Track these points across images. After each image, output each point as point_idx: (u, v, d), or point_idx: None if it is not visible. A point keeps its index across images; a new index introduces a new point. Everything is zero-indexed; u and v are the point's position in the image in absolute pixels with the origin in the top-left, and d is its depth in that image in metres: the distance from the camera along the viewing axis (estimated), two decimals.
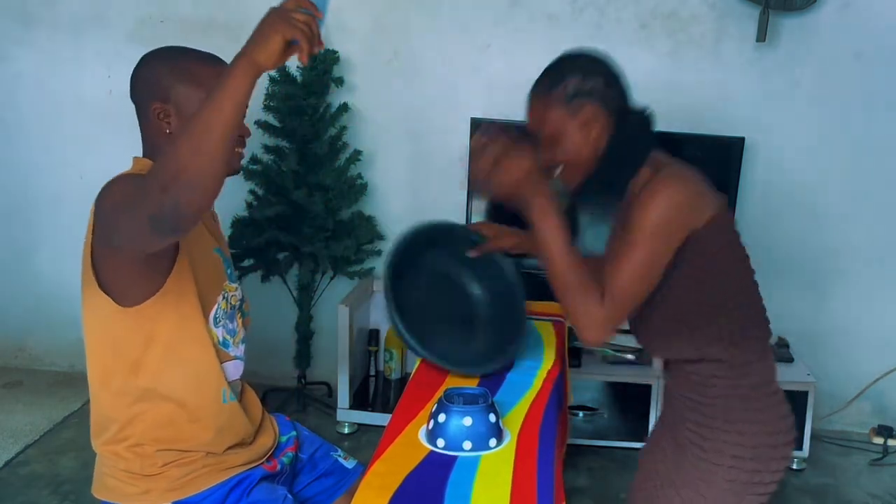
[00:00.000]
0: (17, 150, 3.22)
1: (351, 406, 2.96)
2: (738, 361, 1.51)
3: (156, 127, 1.54)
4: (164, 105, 1.51)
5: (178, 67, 1.52)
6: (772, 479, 1.52)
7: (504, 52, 2.99)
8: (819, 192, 2.98)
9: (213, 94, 1.19)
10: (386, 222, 3.13)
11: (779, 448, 1.53)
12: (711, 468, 1.50)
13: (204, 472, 1.57)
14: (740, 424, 1.50)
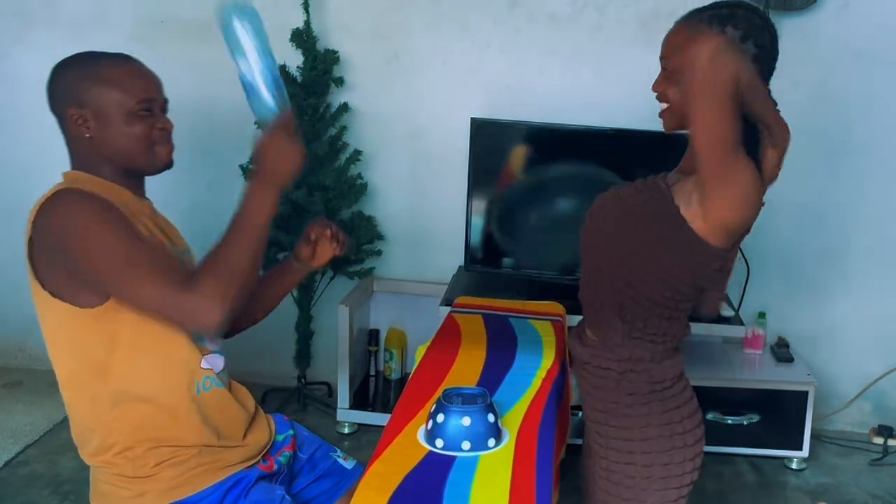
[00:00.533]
0: (17, 150, 3.22)
1: (351, 406, 2.96)
2: (627, 355, 1.50)
3: (76, 133, 1.60)
4: (80, 109, 1.56)
5: (89, 71, 1.58)
6: (682, 469, 1.50)
7: (504, 52, 2.99)
8: (819, 191, 2.98)
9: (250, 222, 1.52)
10: (386, 222, 3.13)
11: (678, 437, 1.50)
12: (613, 466, 1.52)
13: (199, 472, 1.55)
14: (626, 420, 1.50)
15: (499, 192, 2.93)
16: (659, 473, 1.48)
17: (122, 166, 1.63)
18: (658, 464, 1.48)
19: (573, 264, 2.93)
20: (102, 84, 1.57)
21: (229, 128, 3.07)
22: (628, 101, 2.88)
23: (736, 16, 1.41)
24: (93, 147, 1.61)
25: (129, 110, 1.58)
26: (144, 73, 1.68)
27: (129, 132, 1.59)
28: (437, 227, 3.13)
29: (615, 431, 1.51)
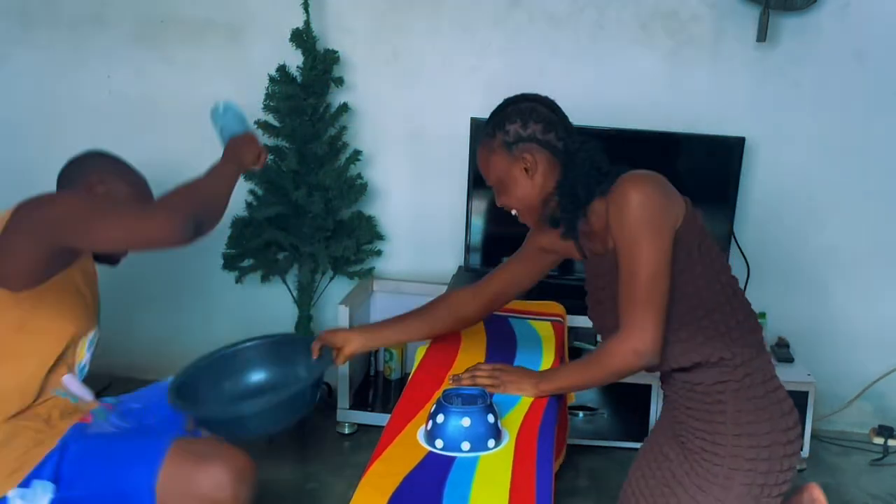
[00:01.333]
0: (17, 150, 3.22)
1: (351, 406, 2.96)
2: (739, 360, 1.51)
3: (87, 188, 1.92)
4: (99, 184, 1.92)
5: (120, 167, 2.00)
6: (784, 478, 1.52)
7: (504, 52, 2.99)
8: (819, 191, 2.98)
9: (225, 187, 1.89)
10: (386, 222, 3.13)
11: (790, 444, 1.53)
12: (729, 473, 1.50)
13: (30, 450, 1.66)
14: (751, 426, 1.50)
15: None
16: (770, 480, 1.51)
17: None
18: (774, 470, 1.51)
19: (573, 264, 2.94)
20: (125, 181, 1.97)
21: None
22: (628, 101, 2.89)
23: (506, 114, 1.61)
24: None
25: None
26: (150, 193, 2.01)
27: None
28: (437, 227, 3.13)
29: (737, 440, 1.51)
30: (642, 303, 1.43)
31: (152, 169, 3.16)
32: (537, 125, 1.57)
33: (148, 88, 3.12)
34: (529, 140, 1.56)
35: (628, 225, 1.44)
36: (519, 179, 1.58)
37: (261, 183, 2.93)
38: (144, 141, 3.15)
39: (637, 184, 1.47)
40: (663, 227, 1.45)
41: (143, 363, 3.31)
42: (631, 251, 1.44)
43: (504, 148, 1.58)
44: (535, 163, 1.56)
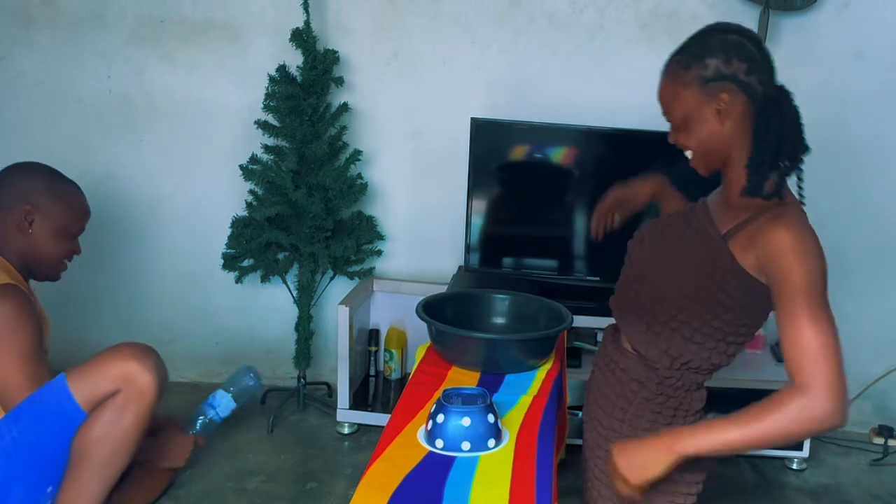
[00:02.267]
0: (17, 150, 3.21)
1: (351, 406, 2.96)
2: (669, 384, 1.51)
3: (17, 225, 1.95)
4: (32, 211, 1.94)
5: (54, 185, 1.99)
6: (686, 489, 1.51)
7: (504, 52, 2.99)
8: (819, 191, 2.97)
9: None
10: (386, 222, 3.14)
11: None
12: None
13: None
14: (644, 433, 1.51)
15: (499, 192, 2.93)
16: (664, 485, 1.47)
17: (27, 265, 2.01)
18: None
19: (572, 264, 2.94)
20: (65, 202, 1.98)
21: (229, 127, 3.08)
22: (628, 101, 2.88)
23: (709, 45, 1.39)
24: (20, 241, 1.97)
25: (68, 231, 2.00)
26: (86, 204, 2.06)
27: (56, 247, 2.01)
28: (437, 227, 3.13)
29: (626, 429, 1.52)
30: (824, 378, 1.25)
31: (152, 169, 3.18)
32: (741, 63, 1.35)
33: (148, 88, 3.12)
34: (730, 79, 1.35)
35: (802, 294, 1.34)
36: (708, 121, 1.38)
37: (261, 183, 2.93)
38: (144, 141, 3.15)
39: (809, 241, 1.39)
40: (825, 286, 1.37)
41: None
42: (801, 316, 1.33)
43: (698, 83, 1.37)
44: (731, 105, 1.36)
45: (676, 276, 1.45)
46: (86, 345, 2.58)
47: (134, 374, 1.89)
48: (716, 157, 1.42)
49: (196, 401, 2.63)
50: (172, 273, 3.23)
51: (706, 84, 1.37)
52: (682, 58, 1.42)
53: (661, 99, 1.46)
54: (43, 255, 2.00)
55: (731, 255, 1.39)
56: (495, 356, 1.80)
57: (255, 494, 2.49)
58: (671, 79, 1.43)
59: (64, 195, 2.00)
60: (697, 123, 1.39)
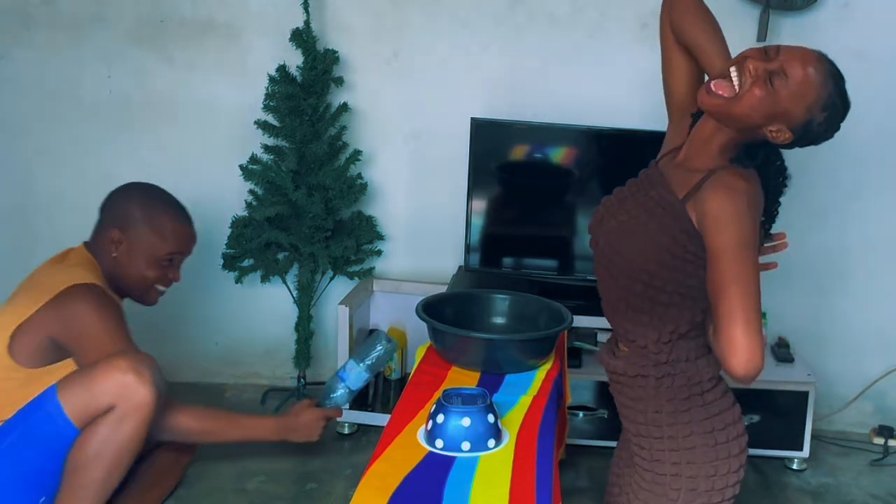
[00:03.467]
0: (17, 150, 3.22)
1: (351, 406, 2.96)
2: (664, 358, 1.48)
3: (105, 247, 2.00)
4: (120, 234, 1.98)
5: (149, 212, 2.01)
6: (725, 482, 1.49)
7: (504, 52, 2.98)
8: (819, 191, 2.98)
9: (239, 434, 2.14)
10: (386, 222, 3.13)
11: (722, 447, 1.48)
12: (657, 479, 1.49)
13: None
14: (670, 429, 1.48)
15: (499, 192, 2.93)
16: (704, 486, 1.47)
17: (118, 284, 2.05)
18: (703, 475, 1.47)
19: (572, 264, 2.94)
20: (151, 227, 1.98)
21: (229, 127, 3.07)
22: (628, 101, 2.89)
23: (835, 107, 1.45)
24: (110, 261, 2.01)
25: (157, 257, 2.00)
26: (186, 231, 2.07)
27: (144, 273, 2.02)
28: (437, 227, 3.13)
29: (659, 442, 1.49)
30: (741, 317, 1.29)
31: (152, 169, 3.17)
32: (823, 126, 1.55)
33: (148, 88, 3.11)
34: (808, 130, 1.51)
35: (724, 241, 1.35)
36: (768, 117, 1.41)
37: (261, 183, 2.93)
38: (144, 141, 3.15)
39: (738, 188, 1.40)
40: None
41: None
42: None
43: (804, 116, 1.45)
44: (780, 133, 1.47)
45: (643, 243, 1.46)
46: None
47: (131, 388, 1.83)
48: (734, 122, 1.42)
49: (195, 401, 2.63)
50: None
51: (804, 118, 1.42)
52: (829, 91, 1.41)
53: (794, 76, 1.39)
54: (128, 279, 2.03)
55: (689, 217, 1.41)
56: (495, 356, 1.80)
57: (255, 494, 2.49)
58: (814, 85, 1.40)
59: (156, 222, 2.02)
60: (777, 109, 1.39)
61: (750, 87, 1.36)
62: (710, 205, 1.36)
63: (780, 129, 1.41)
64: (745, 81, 1.37)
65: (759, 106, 1.37)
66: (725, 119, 1.41)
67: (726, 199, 1.36)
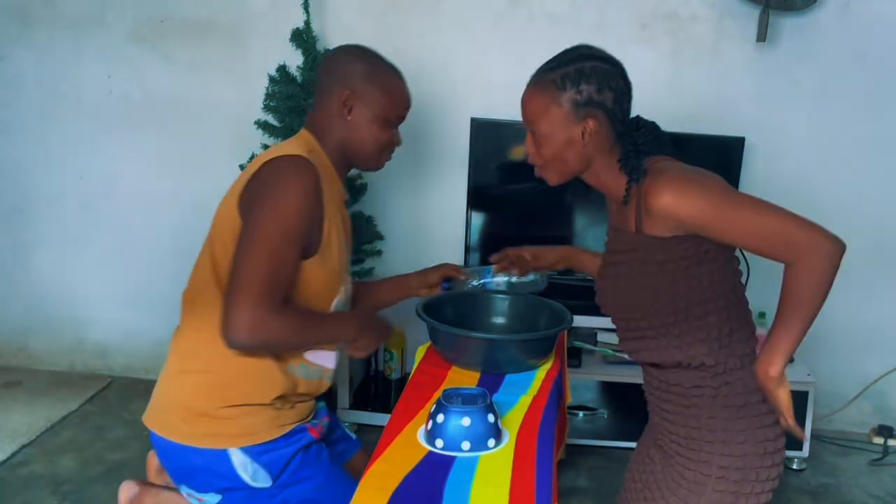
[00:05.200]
0: (17, 150, 3.22)
1: (351, 406, 2.96)
2: (721, 369, 1.48)
3: (336, 111, 1.77)
4: (352, 96, 1.77)
5: (377, 72, 1.83)
6: (763, 488, 1.50)
7: (504, 52, 2.99)
8: (819, 191, 2.98)
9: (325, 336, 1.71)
10: (386, 222, 3.13)
11: (768, 456, 1.51)
12: (699, 478, 1.48)
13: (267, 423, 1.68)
14: (725, 434, 1.48)
15: (499, 192, 2.93)
16: (746, 489, 1.48)
17: (347, 155, 1.82)
18: (748, 480, 1.48)
19: None
20: (381, 88, 1.81)
21: (229, 127, 3.08)
22: None
23: (584, 71, 1.44)
24: (340, 128, 1.79)
25: (388, 118, 1.83)
26: (408, 93, 1.91)
27: (376, 134, 1.82)
28: (437, 227, 3.13)
29: (710, 446, 1.48)
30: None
31: (153, 169, 3.18)
32: (611, 93, 1.43)
33: (148, 88, 3.12)
34: (599, 106, 1.43)
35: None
36: (573, 141, 1.45)
37: None
38: (144, 141, 3.15)
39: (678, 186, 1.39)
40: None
41: (144, 363, 3.31)
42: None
43: (571, 106, 1.44)
44: (595, 132, 1.44)
45: (638, 289, 1.49)
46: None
47: None
48: (570, 173, 1.51)
49: None
50: (173, 273, 3.23)
51: (577, 108, 1.43)
52: (556, 77, 1.47)
53: (528, 109, 1.51)
54: (362, 143, 1.80)
55: (651, 237, 1.43)
56: (495, 356, 1.80)
57: None
58: (543, 94, 1.48)
59: (384, 81, 1.84)
60: (561, 141, 1.46)
61: (539, 151, 1.50)
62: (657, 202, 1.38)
63: (577, 133, 1.45)
64: (531, 153, 1.52)
65: (553, 150, 1.48)
66: (571, 174, 1.52)
67: (663, 186, 1.38)
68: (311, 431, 1.77)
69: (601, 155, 1.47)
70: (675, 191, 1.36)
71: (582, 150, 1.46)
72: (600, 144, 1.46)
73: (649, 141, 1.47)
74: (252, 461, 1.65)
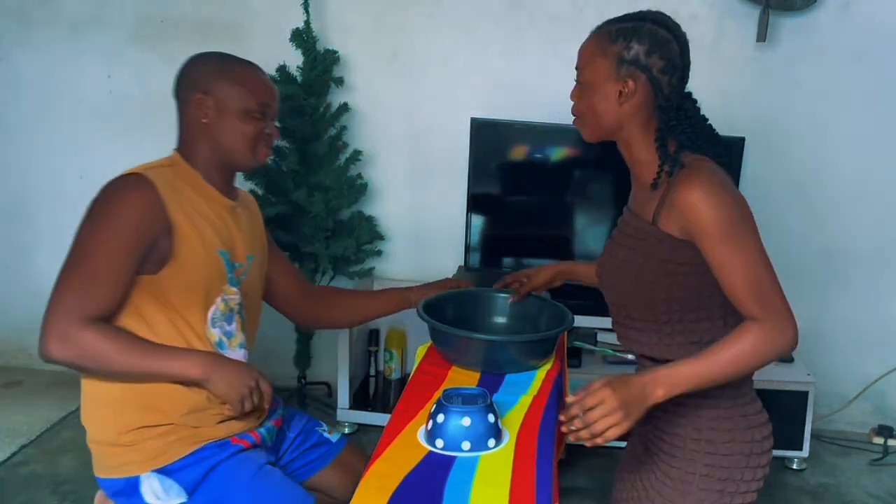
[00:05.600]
0: (17, 149, 3.22)
1: (351, 406, 2.96)
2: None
3: (194, 117, 1.70)
4: (205, 97, 1.69)
5: (222, 67, 1.72)
6: (748, 488, 1.49)
7: (504, 52, 2.99)
8: (819, 191, 2.98)
9: (156, 366, 1.55)
10: (386, 222, 3.14)
11: (755, 457, 1.50)
12: (685, 477, 1.48)
13: (176, 442, 1.63)
14: (710, 434, 1.48)
15: (499, 192, 2.93)
16: (730, 488, 1.48)
17: (221, 159, 1.75)
18: (732, 479, 1.48)
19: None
20: (232, 80, 1.70)
21: None
22: None
23: (640, 30, 1.41)
24: (205, 133, 1.72)
25: (247, 109, 1.71)
26: (267, 82, 1.78)
27: (240, 128, 1.71)
28: (437, 227, 3.13)
29: (695, 444, 1.49)
30: (765, 299, 1.34)
31: None
32: (660, 60, 1.40)
33: (148, 88, 3.12)
34: (644, 70, 1.40)
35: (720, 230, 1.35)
36: (608, 96, 1.42)
37: (261, 183, 2.93)
38: (144, 141, 3.15)
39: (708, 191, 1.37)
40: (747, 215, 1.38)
41: None
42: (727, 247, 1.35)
43: (615, 60, 1.41)
44: (633, 93, 1.41)
45: (637, 280, 1.48)
46: None
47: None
48: (600, 129, 1.48)
49: None
50: None
51: (621, 64, 1.41)
52: (613, 29, 1.43)
53: (581, 55, 1.48)
54: (229, 141, 1.71)
55: (663, 233, 1.42)
56: (495, 357, 1.80)
57: None
58: (596, 43, 1.45)
59: (234, 73, 1.73)
60: (597, 93, 1.44)
61: (577, 98, 1.49)
62: (683, 197, 1.37)
63: (615, 90, 1.42)
64: (573, 101, 1.50)
65: (589, 101, 1.46)
66: (602, 131, 1.48)
67: (694, 184, 1.36)
68: (237, 442, 1.70)
69: (636, 123, 1.45)
70: (706, 191, 1.34)
71: (617, 110, 1.43)
72: (636, 111, 1.43)
73: (690, 132, 1.45)
74: (166, 479, 1.62)
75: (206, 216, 1.68)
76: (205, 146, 1.73)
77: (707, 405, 1.49)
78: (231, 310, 1.71)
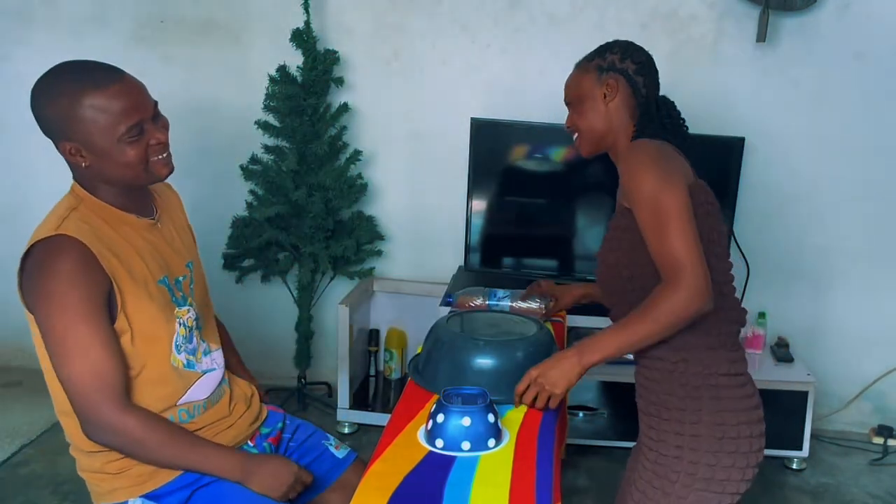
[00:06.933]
0: (17, 150, 3.22)
1: (351, 406, 2.96)
2: (680, 344, 1.51)
3: (73, 163, 1.61)
4: (70, 143, 1.55)
5: (72, 104, 1.52)
6: (727, 475, 1.49)
7: (504, 52, 2.99)
8: (819, 191, 2.98)
9: (193, 464, 1.56)
10: (386, 222, 3.14)
11: (728, 441, 1.49)
12: (661, 459, 1.52)
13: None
14: (678, 413, 1.51)
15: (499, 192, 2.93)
16: (703, 473, 1.48)
17: (121, 186, 1.64)
18: (703, 463, 1.49)
19: (572, 264, 2.94)
20: (88, 118, 1.52)
21: (229, 127, 3.08)
22: None
23: (613, 45, 1.66)
24: (91, 173, 1.61)
25: (119, 137, 1.54)
26: (128, 92, 1.56)
27: (122, 158, 1.56)
28: (437, 227, 3.13)
29: (667, 424, 1.52)
30: (680, 262, 1.42)
31: None
32: (634, 64, 1.63)
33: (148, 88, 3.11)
34: (621, 72, 1.62)
35: (641, 194, 1.47)
36: (596, 100, 1.62)
37: (261, 183, 2.94)
38: None
39: (638, 149, 1.54)
40: (675, 178, 1.48)
41: None
42: (648, 214, 1.46)
43: (596, 71, 1.63)
44: (615, 91, 1.61)
45: (607, 254, 1.60)
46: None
47: None
48: (594, 135, 1.64)
49: None
50: None
51: (601, 72, 1.62)
52: (589, 55, 1.67)
53: (567, 86, 1.69)
54: (119, 173, 1.59)
55: (622, 207, 1.56)
56: None
57: None
58: (578, 70, 1.68)
59: (83, 108, 1.52)
60: (587, 102, 1.63)
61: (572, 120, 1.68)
62: (621, 167, 1.55)
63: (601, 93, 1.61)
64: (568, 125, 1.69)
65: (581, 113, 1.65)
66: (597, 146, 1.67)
67: (628, 155, 1.54)
68: None
69: (621, 123, 1.62)
70: (636, 160, 1.49)
71: (605, 111, 1.61)
72: (620, 108, 1.61)
73: (662, 129, 1.61)
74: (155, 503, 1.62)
75: (133, 247, 1.61)
76: (99, 182, 1.63)
77: (676, 382, 1.53)
78: (190, 329, 1.66)
